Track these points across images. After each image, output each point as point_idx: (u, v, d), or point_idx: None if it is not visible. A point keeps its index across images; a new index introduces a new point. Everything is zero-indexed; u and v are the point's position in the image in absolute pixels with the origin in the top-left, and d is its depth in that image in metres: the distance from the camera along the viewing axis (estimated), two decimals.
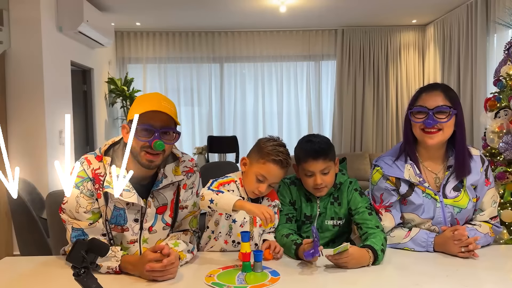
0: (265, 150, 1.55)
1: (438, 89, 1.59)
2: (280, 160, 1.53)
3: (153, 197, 1.49)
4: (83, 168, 1.43)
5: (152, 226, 1.50)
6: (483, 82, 4.57)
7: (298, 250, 1.49)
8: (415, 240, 1.59)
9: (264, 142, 1.58)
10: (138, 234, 1.49)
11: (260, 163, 1.55)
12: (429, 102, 1.55)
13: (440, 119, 1.54)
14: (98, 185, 1.42)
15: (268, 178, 1.54)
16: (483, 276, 1.33)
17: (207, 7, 5.08)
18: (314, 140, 1.63)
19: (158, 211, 1.50)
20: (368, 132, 6.36)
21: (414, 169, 1.61)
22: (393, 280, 1.32)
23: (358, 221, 1.62)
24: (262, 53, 6.37)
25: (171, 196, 1.53)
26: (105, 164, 1.43)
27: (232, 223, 1.58)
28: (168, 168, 1.51)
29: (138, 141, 1.37)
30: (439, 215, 1.60)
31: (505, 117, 2.60)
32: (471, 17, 4.81)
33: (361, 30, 6.24)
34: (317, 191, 1.63)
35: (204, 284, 1.29)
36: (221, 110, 6.45)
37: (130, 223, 1.47)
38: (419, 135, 1.59)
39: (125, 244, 1.49)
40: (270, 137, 1.62)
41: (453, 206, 1.60)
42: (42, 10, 3.72)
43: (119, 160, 1.42)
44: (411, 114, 1.59)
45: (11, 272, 1.45)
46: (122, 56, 6.31)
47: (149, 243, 1.51)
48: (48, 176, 3.71)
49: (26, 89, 3.67)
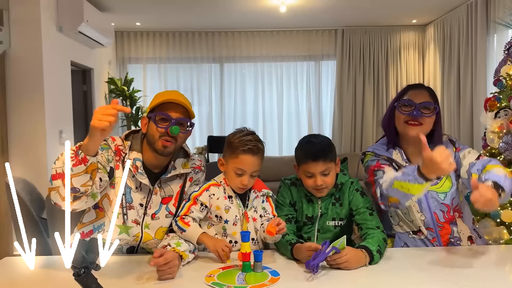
0: (234, 144, 1.56)
1: (424, 89, 1.72)
2: (250, 149, 1.54)
3: (161, 186, 1.59)
4: (107, 142, 1.56)
5: (156, 213, 1.58)
6: (483, 82, 4.57)
7: (293, 250, 1.49)
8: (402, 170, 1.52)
9: (231, 137, 1.60)
10: (142, 218, 1.57)
11: (233, 157, 1.56)
12: (416, 98, 1.66)
13: (425, 113, 1.64)
14: (119, 157, 1.56)
15: (245, 169, 1.55)
16: (483, 276, 1.33)
17: (207, 7, 5.08)
18: (314, 141, 1.63)
19: (163, 201, 1.60)
20: (368, 132, 6.36)
21: (402, 154, 1.72)
22: (393, 280, 1.32)
23: (359, 221, 1.62)
24: (262, 53, 6.37)
25: (177, 189, 1.63)
26: (126, 146, 1.58)
27: (224, 224, 1.58)
28: (178, 162, 1.63)
29: (156, 130, 1.51)
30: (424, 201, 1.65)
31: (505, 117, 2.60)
32: (471, 17, 4.81)
33: (361, 30, 6.24)
34: (317, 192, 1.63)
35: (204, 284, 1.29)
36: (221, 110, 6.45)
37: (136, 205, 1.56)
38: (402, 126, 1.68)
39: (129, 223, 1.55)
40: (236, 130, 1.63)
41: (436, 192, 1.66)
42: (42, 10, 3.72)
43: (137, 145, 1.58)
44: (399, 106, 1.68)
45: (11, 272, 1.45)
46: (122, 56, 6.31)
47: (151, 229, 1.58)
48: (48, 176, 3.70)
49: (26, 89, 3.67)
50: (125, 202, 1.55)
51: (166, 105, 1.52)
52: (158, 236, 1.59)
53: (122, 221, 1.54)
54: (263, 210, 1.64)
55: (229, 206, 1.58)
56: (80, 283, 1.00)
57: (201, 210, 1.57)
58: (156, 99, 1.55)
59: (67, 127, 4.25)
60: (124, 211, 1.54)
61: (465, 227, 1.69)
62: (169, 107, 1.51)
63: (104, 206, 1.57)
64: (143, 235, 1.57)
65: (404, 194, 1.48)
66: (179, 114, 1.52)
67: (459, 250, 1.58)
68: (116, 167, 1.54)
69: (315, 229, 1.67)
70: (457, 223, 1.68)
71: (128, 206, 1.55)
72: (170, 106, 1.52)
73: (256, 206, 1.63)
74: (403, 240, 1.69)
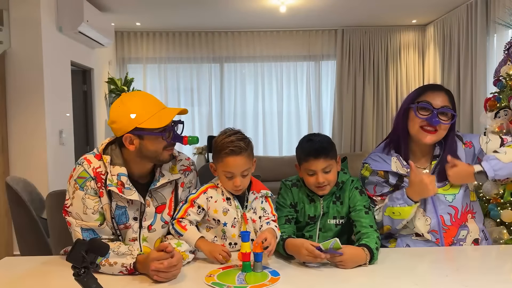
0: (217, 149, 1.54)
1: (443, 91, 1.62)
2: (232, 150, 1.50)
3: (152, 196, 1.51)
4: (84, 168, 1.43)
5: (152, 225, 1.52)
6: (483, 82, 4.57)
7: (285, 244, 1.49)
8: (391, 197, 1.62)
9: (215, 140, 1.57)
10: (138, 233, 1.50)
11: (219, 161, 1.54)
12: (435, 101, 1.57)
13: (443, 120, 1.57)
14: (100, 183, 1.43)
15: (233, 171, 1.52)
16: (483, 276, 1.33)
17: (207, 7, 5.08)
18: (314, 139, 1.64)
19: (157, 210, 1.52)
20: (368, 132, 6.36)
21: (400, 161, 1.65)
22: (393, 280, 1.32)
23: (354, 218, 1.63)
24: (262, 53, 6.37)
25: (170, 195, 1.55)
26: (106, 163, 1.44)
27: (224, 226, 1.57)
28: (165, 167, 1.53)
29: (159, 144, 1.43)
30: (429, 203, 1.61)
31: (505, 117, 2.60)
32: (471, 17, 4.81)
33: (361, 30, 6.24)
34: (319, 190, 1.63)
35: (204, 284, 1.29)
36: (221, 110, 6.45)
37: (131, 221, 1.49)
38: (416, 131, 1.61)
39: (127, 241, 1.50)
40: (221, 132, 1.59)
41: (444, 194, 1.61)
42: (42, 10, 3.72)
43: (118, 159, 1.45)
44: (416, 108, 1.60)
45: (11, 272, 1.45)
46: (122, 56, 6.31)
47: (149, 242, 1.52)
48: (48, 176, 3.71)
49: (26, 89, 3.67)
50: (116, 225, 1.47)
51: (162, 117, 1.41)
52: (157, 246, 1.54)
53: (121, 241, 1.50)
54: (263, 210, 1.63)
55: (227, 208, 1.57)
56: (80, 283, 1.00)
57: (198, 212, 1.55)
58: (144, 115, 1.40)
59: (67, 127, 4.25)
60: (118, 233, 1.49)
61: (476, 228, 1.65)
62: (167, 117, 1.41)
63: None
64: (142, 249, 1.51)
65: (397, 220, 1.61)
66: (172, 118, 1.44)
67: (460, 250, 1.58)
68: (100, 194, 1.43)
69: (316, 228, 1.67)
70: (467, 225, 1.63)
71: (124, 226, 1.48)
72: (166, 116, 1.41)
73: (255, 208, 1.62)
74: (405, 241, 1.68)
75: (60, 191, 1.81)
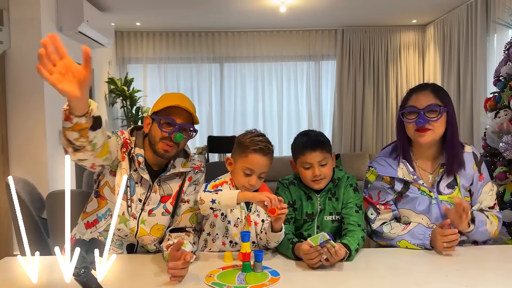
0: (244, 144, 1.57)
1: (428, 89, 1.62)
2: (261, 148, 1.55)
3: (160, 185, 1.60)
4: (118, 134, 1.59)
5: (153, 210, 1.59)
6: (483, 82, 4.57)
7: (294, 248, 1.49)
8: (413, 233, 1.60)
9: (242, 137, 1.61)
10: (139, 213, 1.58)
11: (243, 157, 1.56)
12: (419, 102, 1.59)
13: (431, 118, 1.57)
14: (126, 149, 1.58)
15: (254, 169, 1.55)
16: (483, 276, 1.33)
17: (207, 7, 5.08)
18: (310, 133, 1.68)
19: (162, 200, 1.61)
20: (368, 132, 6.36)
21: (407, 167, 1.65)
22: (393, 280, 1.32)
23: (343, 214, 1.66)
24: (262, 53, 6.37)
25: (176, 188, 1.63)
26: (132, 141, 1.61)
27: (227, 224, 1.58)
28: (178, 161, 1.63)
29: (159, 132, 1.52)
30: (435, 212, 1.62)
31: (505, 117, 2.60)
32: (471, 17, 4.81)
33: (361, 30, 6.24)
34: (315, 184, 1.64)
35: (204, 284, 1.29)
36: (221, 110, 6.45)
37: (135, 199, 1.57)
38: (412, 135, 1.62)
39: (126, 215, 1.56)
40: (246, 131, 1.64)
41: (449, 202, 1.62)
42: (42, 10, 3.72)
43: (140, 142, 1.61)
44: (403, 115, 1.62)
45: (11, 272, 1.45)
46: (122, 56, 6.31)
47: (147, 225, 1.58)
48: (48, 176, 3.71)
49: (26, 89, 3.67)
50: (129, 195, 1.56)
51: (171, 109, 1.52)
52: (153, 232, 1.59)
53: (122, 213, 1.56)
54: (266, 214, 1.64)
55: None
56: (80, 283, 1.00)
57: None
58: (162, 102, 1.55)
59: None
60: (128, 203, 1.56)
61: None
62: (175, 112, 1.52)
63: (105, 195, 1.58)
64: (139, 230, 1.58)
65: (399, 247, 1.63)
66: (183, 119, 1.53)
67: (460, 250, 1.58)
68: (122, 158, 1.57)
69: (314, 226, 1.68)
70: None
71: (132, 199, 1.57)
72: (176, 111, 1.52)
73: (259, 210, 1.64)
74: None
75: (60, 191, 1.81)
